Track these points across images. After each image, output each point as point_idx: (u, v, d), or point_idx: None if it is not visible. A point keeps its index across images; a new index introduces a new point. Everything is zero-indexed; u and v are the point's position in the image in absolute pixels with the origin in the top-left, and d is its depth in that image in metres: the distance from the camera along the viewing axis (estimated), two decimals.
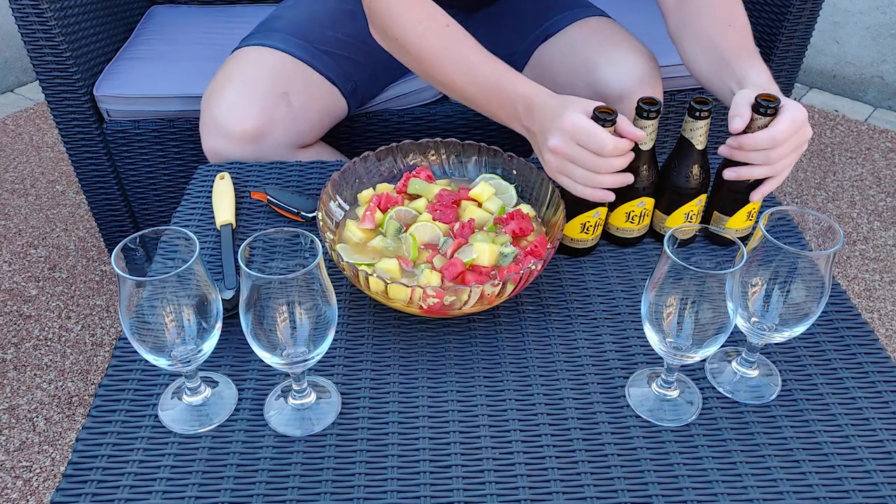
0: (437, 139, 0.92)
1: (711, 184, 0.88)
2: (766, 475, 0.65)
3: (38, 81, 1.29)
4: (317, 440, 0.67)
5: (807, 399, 0.71)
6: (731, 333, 0.70)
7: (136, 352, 0.64)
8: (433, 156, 0.93)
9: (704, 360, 0.75)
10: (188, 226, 0.91)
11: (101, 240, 1.65)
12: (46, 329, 1.50)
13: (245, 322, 0.61)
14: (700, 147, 0.82)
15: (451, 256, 0.79)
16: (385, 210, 0.85)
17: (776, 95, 0.77)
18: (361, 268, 0.74)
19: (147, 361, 0.71)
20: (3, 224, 1.78)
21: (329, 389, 0.71)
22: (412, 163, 0.92)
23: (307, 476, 0.64)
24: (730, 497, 0.63)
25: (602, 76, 1.06)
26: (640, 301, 0.82)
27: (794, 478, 0.64)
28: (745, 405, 0.71)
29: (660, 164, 0.87)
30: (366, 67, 1.20)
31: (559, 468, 0.65)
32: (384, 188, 0.89)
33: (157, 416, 0.69)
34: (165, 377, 0.72)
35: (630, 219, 0.86)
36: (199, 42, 1.42)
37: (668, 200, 0.86)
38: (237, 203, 0.95)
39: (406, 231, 0.82)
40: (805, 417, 0.70)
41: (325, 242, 0.76)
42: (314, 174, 1.01)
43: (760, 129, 0.77)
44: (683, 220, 0.87)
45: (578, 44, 1.10)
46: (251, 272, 0.58)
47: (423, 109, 1.36)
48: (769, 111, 0.76)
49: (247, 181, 0.99)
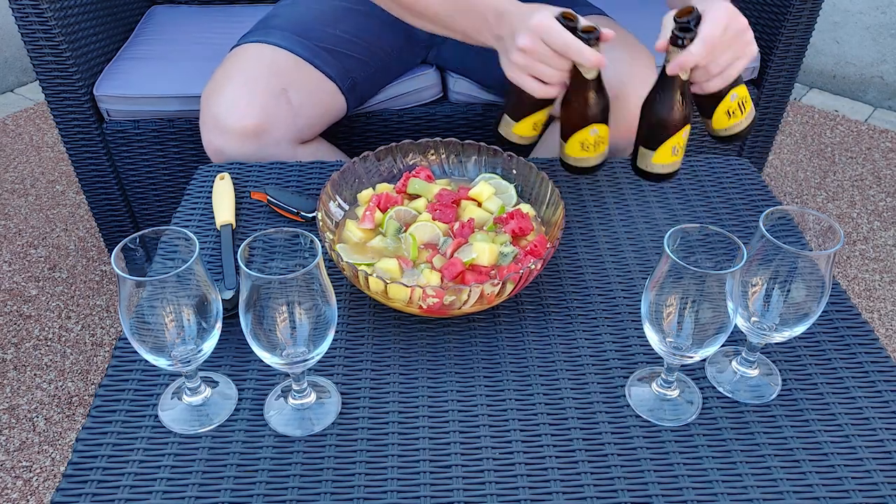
0: (437, 139, 0.92)
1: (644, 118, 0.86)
2: (766, 475, 0.65)
3: (38, 81, 1.29)
4: (317, 440, 0.67)
5: (807, 399, 0.71)
6: (731, 333, 0.70)
7: (136, 352, 0.64)
8: (433, 156, 0.93)
9: (704, 360, 0.75)
10: (188, 226, 0.91)
11: (101, 240, 1.65)
12: (46, 329, 1.50)
13: (245, 322, 0.61)
14: (684, 77, 0.81)
15: (451, 256, 0.79)
16: (385, 210, 0.85)
17: (692, 6, 0.78)
18: (361, 268, 0.74)
19: (147, 361, 0.71)
20: (3, 224, 1.78)
21: (329, 389, 0.71)
22: (412, 163, 0.92)
23: (307, 476, 0.64)
24: (730, 497, 0.63)
25: (603, 75, 1.06)
26: (640, 301, 0.82)
27: (794, 478, 0.64)
28: (745, 405, 0.71)
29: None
30: (365, 64, 1.20)
31: (559, 468, 0.65)
32: (384, 188, 0.89)
33: (157, 416, 0.69)
34: (165, 377, 0.72)
35: (585, 147, 0.86)
36: (199, 42, 1.42)
37: (654, 134, 0.85)
38: (237, 203, 0.95)
39: (406, 231, 0.82)
40: (805, 417, 0.70)
41: (325, 242, 0.76)
42: (314, 174, 1.01)
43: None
44: (670, 154, 0.85)
45: None
46: (251, 272, 0.58)
47: (423, 109, 1.37)
48: (685, 31, 0.77)
49: (247, 181, 0.99)
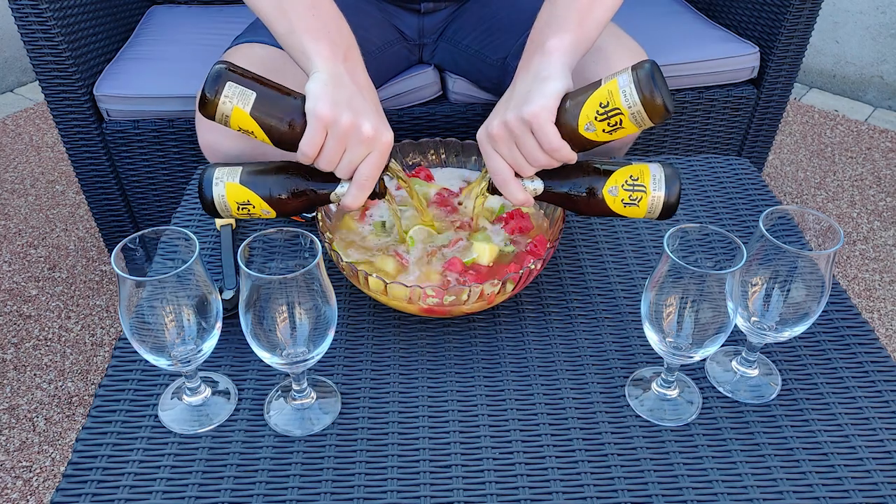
0: (437, 139, 0.92)
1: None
2: (766, 475, 0.65)
3: (38, 81, 1.29)
4: (317, 440, 0.67)
5: (807, 398, 0.71)
6: (731, 333, 0.70)
7: (136, 352, 0.64)
8: (433, 155, 0.93)
9: (704, 360, 0.75)
10: (188, 226, 0.91)
11: (101, 240, 1.65)
12: (46, 329, 1.50)
13: (245, 322, 0.61)
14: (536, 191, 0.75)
15: (451, 256, 0.79)
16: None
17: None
18: (361, 267, 0.74)
19: (147, 361, 0.71)
20: (3, 224, 1.78)
21: (329, 389, 0.71)
22: (412, 163, 0.92)
23: (307, 476, 0.64)
24: (730, 497, 0.63)
25: (593, 74, 1.06)
26: (640, 301, 0.82)
27: (794, 477, 0.64)
28: (746, 405, 0.71)
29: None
30: None
31: (559, 468, 0.65)
32: None
33: (157, 416, 0.69)
34: (165, 377, 0.72)
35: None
36: (199, 42, 1.42)
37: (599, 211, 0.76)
38: None
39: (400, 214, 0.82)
40: (805, 417, 0.70)
41: (325, 242, 0.76)
42: None
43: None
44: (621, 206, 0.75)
45: None
46: (251, 272, 0.58)
47: (423, 109, 1.36)
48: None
49: None
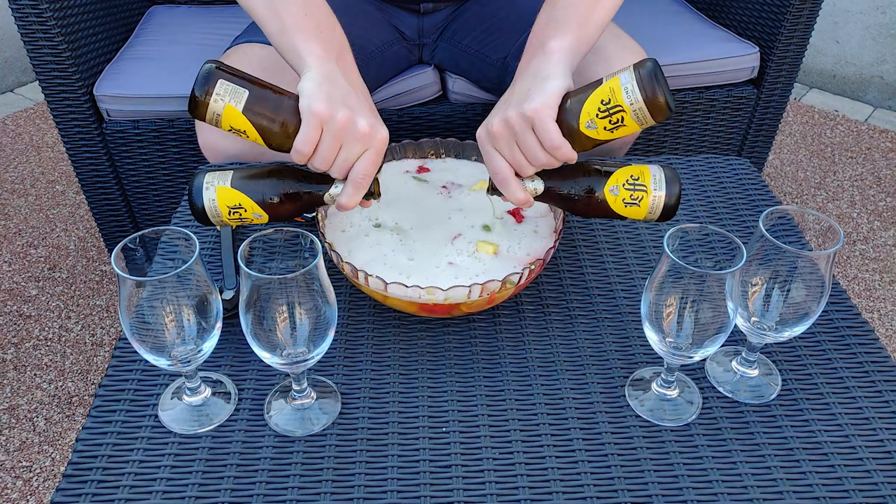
0: (437, 139, 0.92)
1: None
2: (766, 475, 0.65)
3: (38, 81, 1.29)
4: (317, 440, 0.67)
5: (807, 399, 0.71)
6: (731, 333, 0.70)
7: (136, 352, 0.64)
8: (433, 155, 0.93)
9: (704, 360, 0.75)
10: (188, 226, 0.91)
11: (101, 240, 1.65)
12: (46, 329, 1.50)
13: (245, 322, 0.61)
14: (536, 190, 0.76)
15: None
16: None
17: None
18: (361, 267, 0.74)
19: (147, 361, 0.71)
20: (3, 224, 1.78)
21: (329, 389, 0.71)
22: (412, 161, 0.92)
23: (307, 476, 0.64)
24: (730, 497, 0.63)
25: (593, 74, 1.06)
26: (640, 301, 0.82)
27: (794, 478, 0.64)
28: (746, 405, 0.71)
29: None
30: (355, 58, 1.19)
31: (559, 468, 0.65)
32: None
33: (157, 416, 0.69)
34: (165, 377, 0.72)
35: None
36: (199, 42, 1.42)
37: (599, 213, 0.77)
38: None
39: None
40: (805, 417, 0.70)
41: (325, 242, 0.76)
42: None
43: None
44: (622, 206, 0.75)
45: None
46: (251, 272, 0.58)
47: (423, 109, 1.36)
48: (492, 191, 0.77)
49: None
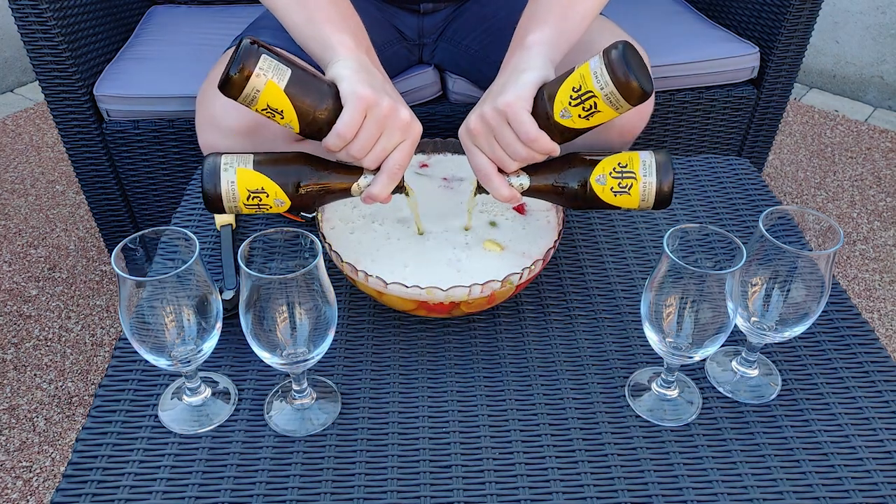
0: (437, 139, 0.92)
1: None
2: (766, 475, 0.65)
3: (38, 81, 1.29)
4: (317, 440, 0.67)
5: (807, 399, 0.71)
6: (731, 333, 0.70)
7: (136, 352, 0.64)
8: (433, 155, 0.93)
9: (704, 361, 0.75)
10: (188, 226, 0.91)
11: (101, 240, 1.65)
12: (46, 329, 1.50)
13: (245, 322, 0.61)
14: (521, 185, 0.76)
15: None
16: None
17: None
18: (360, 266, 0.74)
19: (147, 361, 0.71)
20: (3, 224, 1.78)
21: (329, 389, 0.71)
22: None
23: (307, 476, 0.64)
24: (730, 497, 0.63)
25: None
26: (640, 301, 0.82)
27: (794, 478, 0.64)
28: (746, 405, 0.71)
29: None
30: None
31: (559, 468, 0.65)
32: None
33: (157, 417, 0.69)
34: (165, 377, 0.72)
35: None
36: (199, 42, 1.42)
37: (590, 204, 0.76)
38: None
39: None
40: (805, 417, 0.70)
41: (325, 242, 0.76)
42: None
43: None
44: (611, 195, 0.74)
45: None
46: (251, 272, 0.58)
47: (423, 109, 1.36)
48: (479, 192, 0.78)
49: None
